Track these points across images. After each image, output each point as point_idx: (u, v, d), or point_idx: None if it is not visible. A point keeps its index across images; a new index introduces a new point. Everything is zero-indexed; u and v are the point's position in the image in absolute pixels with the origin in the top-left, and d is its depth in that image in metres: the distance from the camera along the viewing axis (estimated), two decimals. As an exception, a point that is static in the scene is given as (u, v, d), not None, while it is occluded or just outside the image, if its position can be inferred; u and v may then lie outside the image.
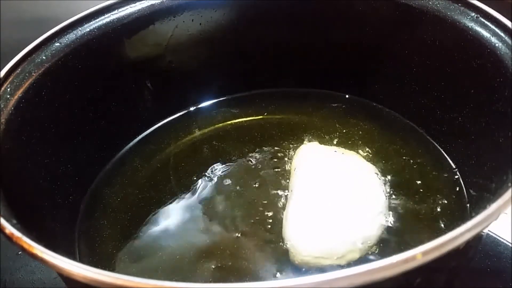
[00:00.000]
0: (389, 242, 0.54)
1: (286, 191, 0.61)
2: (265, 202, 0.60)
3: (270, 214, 0.59)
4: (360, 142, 0.67)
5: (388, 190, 0.60)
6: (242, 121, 0.73)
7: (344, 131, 0.69)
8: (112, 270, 0.55)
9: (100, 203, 0.63)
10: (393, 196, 0.59)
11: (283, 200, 0.60)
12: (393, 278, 0.35)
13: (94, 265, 0.36)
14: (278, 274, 0.53)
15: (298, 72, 0.76)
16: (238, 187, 0.63)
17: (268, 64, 0.75)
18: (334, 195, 0.56)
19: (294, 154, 0.65)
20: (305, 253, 0.53)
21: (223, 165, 0.66)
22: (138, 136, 0.72)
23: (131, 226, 0.60)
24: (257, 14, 0.71)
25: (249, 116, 0.74)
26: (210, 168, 0.66)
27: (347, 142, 0.67)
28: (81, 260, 0.55)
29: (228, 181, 0.63)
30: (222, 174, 0.65)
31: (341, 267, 0.52)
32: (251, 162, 0.66)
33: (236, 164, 0.66)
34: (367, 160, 0.63)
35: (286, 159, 0.66)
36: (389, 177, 0.61)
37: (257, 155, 0.67)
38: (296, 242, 0.54)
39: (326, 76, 0.75)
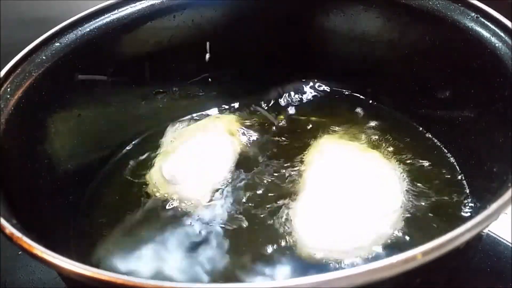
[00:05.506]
0: (396, 241, 0.54)
1: (295, 188, 0.60)
2: (275, 195, 0.60)
3: (279, 206, 0.59)
4: (359, 142, 0.67)
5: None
6: (244, 121, 0.73)
7: (344, 131, 0.69)
8: (112, 270, 0.55)
9: (100, 203, 0.63)
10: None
11: (293, 197, 0.59)
12: (393, 278, 0.35)
13: (93, 265, 0.36)
14: (283, 266, 0.53)
15: (298, 72, 0.76)
16: (245, 182, 0.62)
17: (268, 64, 0.75)
18: (348, 190, 0.56)
19: (303, 153, 0.65)
20: (311, 246, 0.53)
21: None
22: (138, 136, 0.72)
23: (131, 225, 0.60)
24: (257, 14, 0.71)
25: (250, 117, 0.74)
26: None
27: (345, 141, 0.67)
28: (81, 260, 0.55)
29: (233, 178, 0.63)
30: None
31: (347, 262, 0.52)
32: (258, 160, 0.66)
33: (241, 164, 0.66)
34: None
35: (288, 154, 0.66)
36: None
37: (265, 155, 0.66)
38: (303, 235, 0.54)
39: (326, 76, 0.75)
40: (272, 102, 0.76)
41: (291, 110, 0.74)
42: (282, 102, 0.76)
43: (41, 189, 0.56)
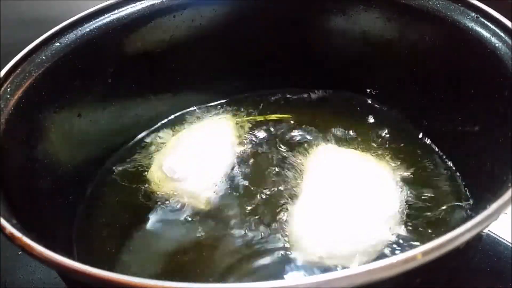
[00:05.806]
0: (396, 242, 0.54)
1: (295, 191, 0.60)
2: (275, 195, 0.60)
3: (278, 206, 0.59)
4: (358, 142, 0.67)
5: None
6: (244, 120, 0.73)
7: (343, 132, 0.69)
8: (112, 269, 0.55)
9: (100, 203, 0.63)
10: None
11: (292, 199, 0.59)
12: (393, 278, 0.35)
13: (93, 265, 0.36)
14: (280, 273, 0.52)
15: (298, 72, 0.76)
16: (245, 186, 0.62)
17: (269, 65, 0.75)
18: (345, 197, 0.56)
19: (303, 155, 0.65)
20: (309, 252, 0.53)
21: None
22: (138, 135, 0.72)
23: (131, 225, 0.60)
24: (257, 14, 0.71)
25: (251, 117, 0.74)
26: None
27: (344, 143, 0.67)
28: (81, 260, 0.55)
29: (234, 179, 0.63)
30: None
31: (346, 268, 0.51)
32: (257, 161, 0.66)
33: (242, 164, 0.66)
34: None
35: (288, 155, 0.66)
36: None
37: (264, 154, 0.66)
38: (300, 241, 0.54)
39: (327, 76, 0.75)
40: (272, 102, 0.76)
41: (291, 111, 0.74)
42: (282, 102, 0.76)
43: (41, 189, 0.56)
